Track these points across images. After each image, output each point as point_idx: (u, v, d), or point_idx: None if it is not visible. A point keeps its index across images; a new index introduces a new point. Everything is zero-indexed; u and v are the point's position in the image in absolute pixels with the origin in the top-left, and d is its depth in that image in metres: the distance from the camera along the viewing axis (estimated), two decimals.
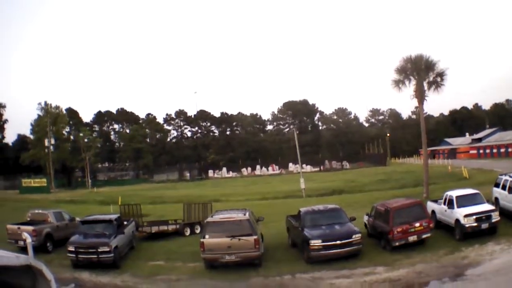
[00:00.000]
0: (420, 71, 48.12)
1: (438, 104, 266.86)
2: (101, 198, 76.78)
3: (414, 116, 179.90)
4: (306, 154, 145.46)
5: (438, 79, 48.39)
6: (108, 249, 30.54)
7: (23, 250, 29.99)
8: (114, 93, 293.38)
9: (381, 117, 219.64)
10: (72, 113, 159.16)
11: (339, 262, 27.97)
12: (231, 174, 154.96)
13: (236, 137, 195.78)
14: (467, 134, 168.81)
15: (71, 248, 30.95)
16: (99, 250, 30.52)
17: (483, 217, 30.22)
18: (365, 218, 35.74)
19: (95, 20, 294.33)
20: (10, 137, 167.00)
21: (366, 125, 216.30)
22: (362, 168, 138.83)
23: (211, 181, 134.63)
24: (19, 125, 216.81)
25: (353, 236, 28.99)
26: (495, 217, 30.50)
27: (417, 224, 29.72)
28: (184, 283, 27.72)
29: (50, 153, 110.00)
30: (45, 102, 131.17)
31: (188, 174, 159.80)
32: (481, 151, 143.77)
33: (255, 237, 28.28)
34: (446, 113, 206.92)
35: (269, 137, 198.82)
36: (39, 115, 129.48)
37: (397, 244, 29.48)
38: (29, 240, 26.96)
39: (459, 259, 26.99)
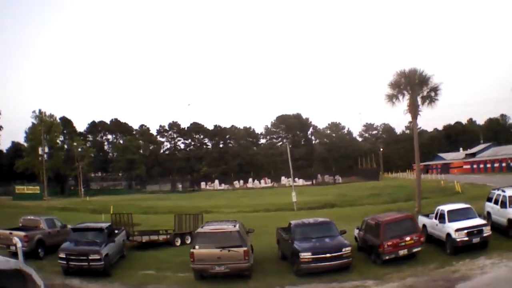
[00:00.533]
0: (414, 86, 48.21)
1: (432, 119, 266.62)
2: (93, 207, 77.02)
3: (407, 131, 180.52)
4: (299, 168, 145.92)
5: (432, 93, 48.51)
6: (98, 257, 30.45)
7: (15, 255, 29.69)
8: (108, 104, 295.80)
9: (374, 132, 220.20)
10: (66, 122, 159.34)
11: (329, 275, 27.82)
12: (223, 186, 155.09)
13: (229, 150, 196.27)
14: (461, 149, 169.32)
15: (62, 255, 30.80)
16: (90, 257, 30.43)
17: (474, 231, 30.14)
18: (356, 231, 35.71)
19: (91, 31, 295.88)
20: (4, 144, 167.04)
21: (360, 139, 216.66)
22: (354, 182, 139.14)
23: (204, 193, 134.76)
24: (14, 132, 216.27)
25: (343, 249, 28.86)
26: (487, 231, 30.43)
27: (408, 238, 29.63)
28: None
29: (44, 161, 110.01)
30: (39, 110, 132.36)
31: (180, 186, 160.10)
32: (474, 166, 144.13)
33: (244, 248, 28.19)
34: (440, 128, 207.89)
35: (262, 150, 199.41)
36: (33, 123, 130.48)
37: (387, 257, 29.41)
38: (19, 244, 26.87)
39: (449, 273, 26.80)
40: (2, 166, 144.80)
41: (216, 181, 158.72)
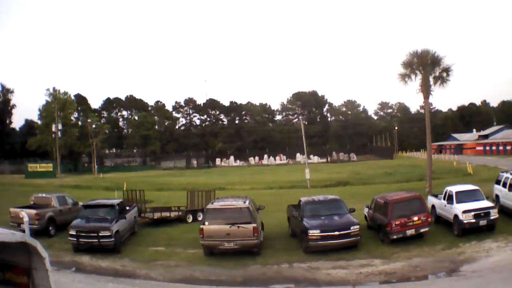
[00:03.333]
0: (426, 66, 48.17)
1: (447, 99, 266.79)
2: (106, 184, 76.99)
3: (422, 111, 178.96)
4: (314, 145, 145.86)
5: (444, 74, 48.46)
6: (109, 234, 30.74)
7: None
8: (123, 80, 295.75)
9: (389, 111, 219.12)
10: (80, 99, 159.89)
11: (337, 253, 28.06)
12: (238, 163, 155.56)
13: (244, 126, 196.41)
14: (474, 130, 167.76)
15: (73, 232, 31.14)
16: (100, 234, 30.70)
17: (481, 213, 30.15)
18: (365, 210, 35.81)
19: (106, 7, 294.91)
20: (17, 122, 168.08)
21: (375, 118, 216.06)
22: (368, 161, 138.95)
23: (218, 169, 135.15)
24: (27, 110, 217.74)
25: (352, 228, 29.02)
26: (494, 214, 30.40)
27: (416, 218, 29.74)
28: (182, 269, 27.76)
29: (57, 139, 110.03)
30: (53, 88, 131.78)
31: (195, 162, 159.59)
32: (487, 147, 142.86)
33: (254, 225, 28.40)
34: (454, 108, 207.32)
35: (277, 127, 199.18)
36: (47, 101, 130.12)
37: (395, 237, 29.59)
38: (26, 219, 27.60)
39: (455, 255, 26.99)
40: (15, 144, 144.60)
41: (231, 158, 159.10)
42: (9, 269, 9.04)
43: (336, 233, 28.62)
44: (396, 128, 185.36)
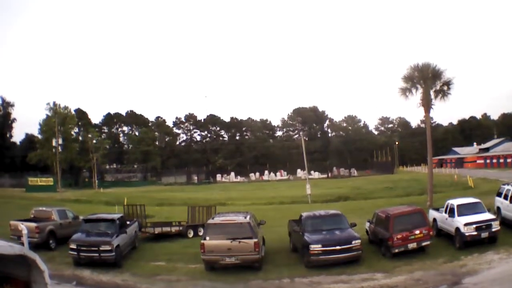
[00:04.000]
0: (427, 80, 48.25)
1: (447, 113, 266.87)
2: (107, 199, 76.44)
3: (422, 125, 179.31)
4: (314, 161, 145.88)
5: (445, 87, 48.56)
6: (109, 248, 30.73)
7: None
8: (123, 95, 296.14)
9: (390, 125, 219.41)
10: (81, 114, 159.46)
11: (339, 268, 28.05)
12: (239, 178, 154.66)
13: (245, 142, 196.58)
14: (474, 143, 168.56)
15: (73, 246, 31.12)
16: (100, 248, 30.68)
17: (483, 226, 30.24)
18: (367, 224, 35.84)
19: (106, 21, 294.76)
20: (18, 136, 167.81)
21: (375, 133, 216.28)
22: (369, 176, 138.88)
23: (219, 185, 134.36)
24: (27, 124, 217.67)
25: (353, 242, 29.04)
26: (495, 226, 30.48)
27: (417, 232, 29.79)
28: (183, 283, 27.76)
29: (58, 153, 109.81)
30: (54, 102, 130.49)
31: (196, 178, 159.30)
32: (488, 160, 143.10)
33: (255, 240, 28.35)
34: (454, 122, 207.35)
35: (278, 143, 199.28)
36: (47, 115, 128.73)
37: (396, 251, 29.61)
38: (25, 231, 27.68)
39: (457, 267, 27.02)
40: (15, 158, 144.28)
41: (232, 173, 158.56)
42: (8, 282, 8.96)
43: (338, 247, 28.61)
44: (397, 143, 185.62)
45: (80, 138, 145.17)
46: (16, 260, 8.28)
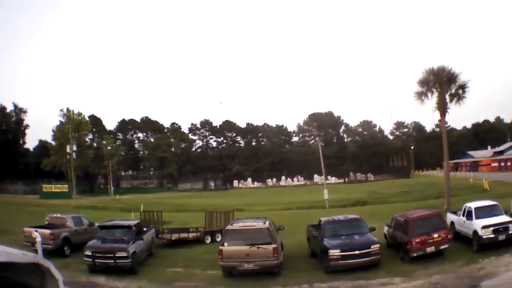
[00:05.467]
0: (442, 83, 48.28)
1: (461, 117, 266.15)
2: (123, 205, 77.09)
3: (437, 129, 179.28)
4: (331, 166, 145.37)
5: (460, 91, 48.63)
6: (125, 254, 30.63)
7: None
8: (138, 102, 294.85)
9: (405, 130, 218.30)
10: (95, 120, 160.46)
11: (357, 272, 27.95)
12: (256, 184, 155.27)
13: (261, 148, 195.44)
14: (489, 147, 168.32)
15: (88, 253, 31.02)
16: (116, 255, 30.59)
17: (500, 228, 30.16)
18: (385, 228, 35.83)
19: (121, 28, 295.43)
20: (31, 143, 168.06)
21: (391, 137, 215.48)
22: (385, 180, 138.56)
23: (236, 191, 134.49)
24: (41, 131, 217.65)
25: (372, 246, 28.93)
26: None
27: (436, 235, 29.73)
28: None
29: (72, 160, 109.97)
30: (67, 109, 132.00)
31: (213, 184, 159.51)
32: (502, 163, 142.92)
33: (274, 245, 28.23)
34: (468, 126, 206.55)
35: (294, 148, 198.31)
36: (61, 122, 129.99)
37: (415, 254, 29.54)
38: (38, 239, 27.68)
39: (475, 270, 26.91)
40: (28, 164, 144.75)
41: (249, 179, 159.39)
42: None
43: (357, 252, 28.54)
44: (413, 147, 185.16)
45: (95, 144, 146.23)
46: (29, 268, 8.24)
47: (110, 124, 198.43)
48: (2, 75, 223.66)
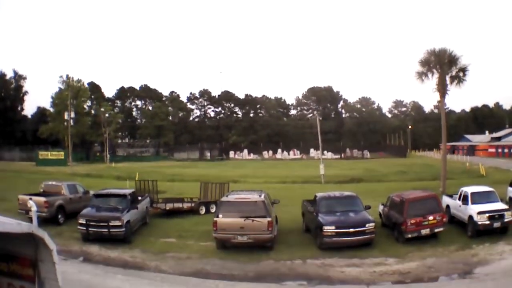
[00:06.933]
0: (443, 65, 48.20)
1: (460, 100, 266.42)
2: (118, 174, 76.81)
3: (436, 110, 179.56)
4: (327, 141, 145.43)
5: (460, 74, 48.59)
6: (119, 223, 30.54)
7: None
8: (137, 70, 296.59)
9: (403, 109, 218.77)
10: (94, 88, 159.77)
11: (351, 250, 27.95)
12: (252, 156, 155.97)
13: (259, 119, 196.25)
14: (487, 132, 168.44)
15: (82, 221, 30.95)
16: (110, 224, 30.52)
17: (496, 215, 30.04)
18: (380, 207, 35.69)
19: None
20: (29, 110, 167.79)
21: (389, 116, 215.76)
22: (382, 158, 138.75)
23: (232, 162, 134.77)
24: (39, 97, 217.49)
25: (367, 225, 28.86)
26: (508, 216, 30.20)
27: (431, 217, 29.65)
28: (194, 261, 27.60)
29: (70, 127, 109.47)
30: (67, 76, 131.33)
31: (209, 154, 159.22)
32: (499, 150, 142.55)
33: (268, 219, 28.17)
34: (467, 109, 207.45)
35: (292, 121, 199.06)
36: (60, 88, 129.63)
37: (409, 236, 29.48)
38: (34, 208, 27.26)
39: (469, 256, 26.90)
40: (26, 131, 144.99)
41: (245, 151, 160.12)
42: (14, 260, 8.80)
43: (351, 230, 28.45)
44: (410, 127, 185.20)
45: (93, 112, 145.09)
46: (23, 238, 8.13)
47: (109, 91, 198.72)
48: (3, 41, 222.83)
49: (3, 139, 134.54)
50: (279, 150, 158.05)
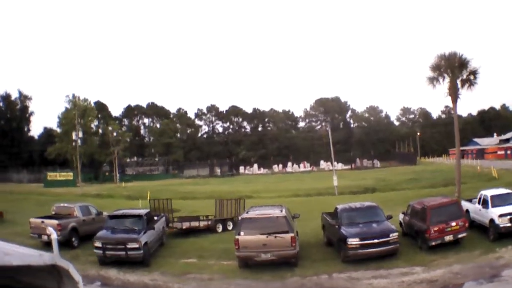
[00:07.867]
0: (454, 69, 47.94)
1: (466, 104, 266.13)
2: (128, 193, 76.68)
3: (443, 116, 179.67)
4: (337, 152, 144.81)
5: (471, 77, 48.25)
6: (137, 246, 29.93)
7: (47, 245, 29.76)
8: (144, 87, 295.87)
9: (411, 116, 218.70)
10: (101, 107, 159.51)
11: (376, 262, 27.73)
12: (262, 170, 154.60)
13: (267, 133, 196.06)
14: (495, 134, 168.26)
15: (98, 244, 30.37)
16: (128, 246, 29.90)
17: None
18: (401, 216, 35.43)
19: (126, 12, 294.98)
20: (36, 130, 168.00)
21: (397, 123, 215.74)
22: (392, 167, 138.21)
23: (242, 177, 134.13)
24: (46, 118, 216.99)
25: (391, 235, 28.66)
26: None
27: (454, 224, 29.46)
28: (217, 282, 27.16)
29: (77, 147, 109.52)
30: (73, 95, 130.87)
31: (219, 170, 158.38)
32: (508, 151, 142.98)
33: (291, 234, 27.76)
34: (474, 113, 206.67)
35: (301, 134, 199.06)
36: (66, 108, 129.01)
37: (433, 243, 29.23)
38: (54, 236, 25.71)
39: (494, 260, 26.71)
40: (33, 152, 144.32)
41: (255, 165, 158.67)
42: None
43: (376, 241, 28.19)
44: (419, 134, 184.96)
45: (100, 131, 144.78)
46: (45, 270, 7.81)
47: (116, 110, 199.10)
48: (8, 62, 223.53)
49: (10, 161, 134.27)
50: (289, 163, 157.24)
